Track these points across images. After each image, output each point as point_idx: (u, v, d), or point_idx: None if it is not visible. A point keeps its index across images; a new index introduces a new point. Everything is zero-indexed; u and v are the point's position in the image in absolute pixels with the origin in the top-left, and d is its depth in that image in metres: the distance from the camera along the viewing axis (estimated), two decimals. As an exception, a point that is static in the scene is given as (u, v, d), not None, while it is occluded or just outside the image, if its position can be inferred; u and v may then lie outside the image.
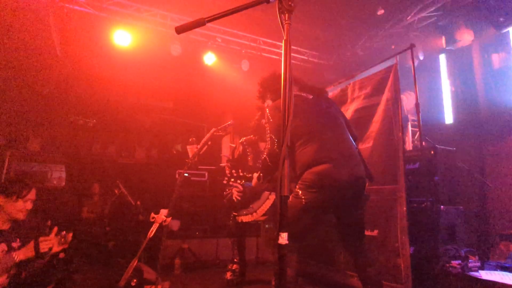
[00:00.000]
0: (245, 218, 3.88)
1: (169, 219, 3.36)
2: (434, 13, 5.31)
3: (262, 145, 4.10)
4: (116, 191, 4.56)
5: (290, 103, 1.11)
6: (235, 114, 7.18)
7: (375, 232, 3.34)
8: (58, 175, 7.24)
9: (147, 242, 3.27)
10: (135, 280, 3.33)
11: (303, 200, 2.25)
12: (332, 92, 4.22)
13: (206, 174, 6.56)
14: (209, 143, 3.78)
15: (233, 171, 3.34)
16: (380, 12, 5.59)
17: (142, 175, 6.58)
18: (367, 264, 2.29)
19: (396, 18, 5.77)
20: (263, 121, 3.99)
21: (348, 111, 3.87)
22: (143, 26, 5.75)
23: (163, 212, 3.42)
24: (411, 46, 3.22)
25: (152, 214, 3.43)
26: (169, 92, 7.24)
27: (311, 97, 2.56)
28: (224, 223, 6.08)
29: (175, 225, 5.59)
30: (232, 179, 3.47)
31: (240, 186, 3.80)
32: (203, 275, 4.61)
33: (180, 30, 1.20)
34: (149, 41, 5.84)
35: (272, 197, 3.78)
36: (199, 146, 3.73)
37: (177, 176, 6.28)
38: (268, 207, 3.78)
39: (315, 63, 7.22)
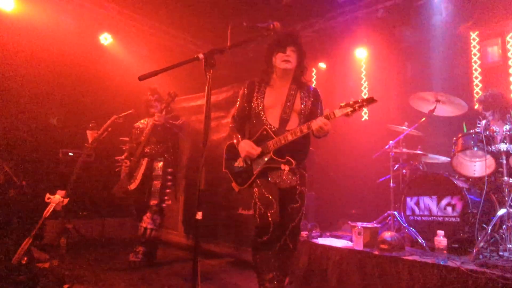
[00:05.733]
0: (131, 186, 4.24)
1: (66, 200, 3.50)
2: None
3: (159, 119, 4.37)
4: (-1, 172, 4.31)
5: (207, 135, 1.70)
6: (127, 95, 7.17)
7: (251, 212, 4.20)
8: None
9: (42, 222, 3.37)
10: (25, 258, 3.41)
11: None
12: (226, 93, 4.89)
13: (94, 154, 6.47)
14: (109, 129, 3.98)
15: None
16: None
17: (14, 150, 6.07)
18: None
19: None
20: (150, 97, 4.38)
21: (238, 111, 4.59)
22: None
23: (60, 193, 3.53)
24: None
25: (48, 195, 3.51)
26: (51, 63, 6.71)
27: None
28: (109, 202, 6.18)
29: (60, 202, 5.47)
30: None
31: (128, 162, 4.19)
32: (91, 255, 4.78)
33: (142, 78, 1.62)
34: (37, 8, 5.42)
35: (145, 161, 4.26)
36: (99, 132, 3.90)
37: (60, 155, 6.06)
38: (142, 171, 4.23)
39: (210, 57, 7.74)
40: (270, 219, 2.37)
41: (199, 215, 1.64)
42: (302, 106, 2.58)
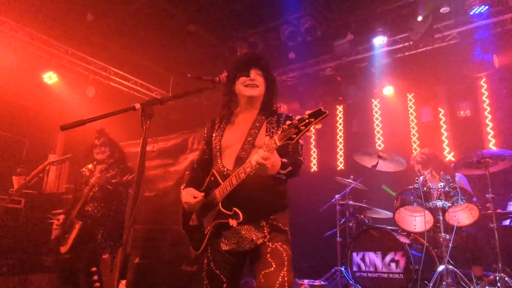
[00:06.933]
0: (63, 249, 3.63)
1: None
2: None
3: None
4: None
5: (139, 187, 1.55)
6: (68, 137, 6.75)
7: (194, 268, 3.92)
8: None
9: None
10: None
11: None
12: (176, 139, 4.77)
13: (23, 201, 5.85)
14: (41, 175, 3.62)
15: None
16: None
17: None
18: None
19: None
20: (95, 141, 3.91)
21: (187, 159, 4.47)
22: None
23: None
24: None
25: (-47, 251, 3.00)
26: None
27: None
28: (36, 255, 5.49)
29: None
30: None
31: (60, 219, 3.65)
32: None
33: (65, 127, 1.47)
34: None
35: (78, 225, 3.60)
36: (28, 178, 3.53)
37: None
38: (74, 235, 3.59)
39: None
40: None
41: (122, 284, 1.44)
42: (268, 138, 1.97)
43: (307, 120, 1.67)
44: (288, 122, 1.69)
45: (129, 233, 1.55)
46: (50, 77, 5.87)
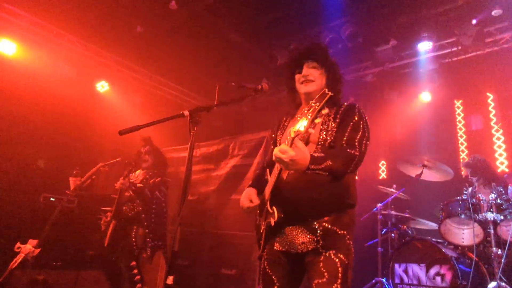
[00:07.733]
0: (106, 242, 3.83)
1: (37, 250, 3.30)
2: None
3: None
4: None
5: (186, 194, 1.64)
6: (116, 143, 7.14)
7: (233, 272, 4.00)
8: None
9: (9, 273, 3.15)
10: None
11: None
12: (217, 145, 4.92)
13: (76, 200, 6.27)
14: (94, 177, 3.90)
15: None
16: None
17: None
18: None
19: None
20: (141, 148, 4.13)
21: (228, 164, 4.60)
22: (34, 40, 5.52)
23: (32, 242, 3.34)
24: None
25: (18, 244, 3.32)
26: (44, 106, 6.75)
27: None
28: (86, 252, 5.84)
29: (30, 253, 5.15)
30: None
31: (109, 216, 3.88)
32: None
33: (123, 132, 1.61)
34: (37, 53, 5.61)
35: (113, 223, 3.86)
36: (82, 179, 3.81)
37: (41, 200, 5.87)
38: (109, 233, 3.83)
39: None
40: None
41: (169, 280, 1.53)
42: (322, 132, 1.84)
43: (313, 107, 1.52)
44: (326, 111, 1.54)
45: (176, 232, 1.64)
46: (102, 86, 6.29)
